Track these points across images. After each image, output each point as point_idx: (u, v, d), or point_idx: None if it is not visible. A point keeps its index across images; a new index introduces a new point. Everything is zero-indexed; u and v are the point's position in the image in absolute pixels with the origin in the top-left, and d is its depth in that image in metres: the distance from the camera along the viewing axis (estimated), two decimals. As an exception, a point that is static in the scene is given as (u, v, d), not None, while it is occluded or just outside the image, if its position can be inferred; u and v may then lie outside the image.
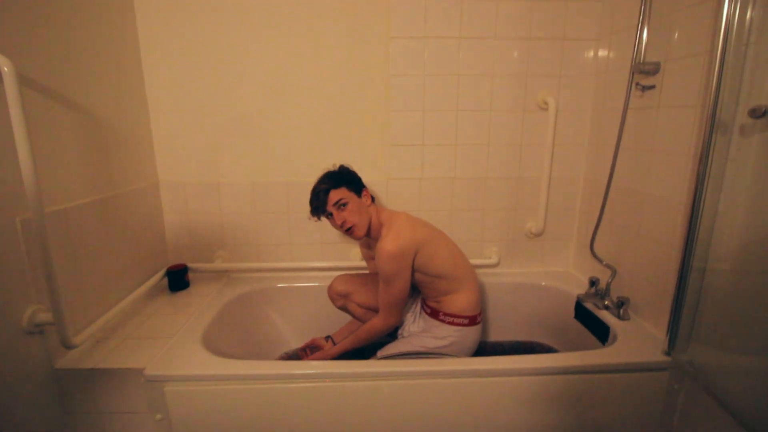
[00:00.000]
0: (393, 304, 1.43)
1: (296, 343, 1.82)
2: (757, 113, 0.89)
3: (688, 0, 1.22)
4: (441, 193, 1.85)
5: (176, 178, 1.78)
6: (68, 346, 1.15)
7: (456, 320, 1.47)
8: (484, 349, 1.82)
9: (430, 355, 1.43)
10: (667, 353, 1.23)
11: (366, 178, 1.56)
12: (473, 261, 1.89)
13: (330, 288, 1.62)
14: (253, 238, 1.86)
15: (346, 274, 1.66)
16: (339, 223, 1.42)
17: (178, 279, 1.72)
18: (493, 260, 1.90)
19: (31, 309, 1.10)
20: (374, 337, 1.49)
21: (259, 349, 1.68)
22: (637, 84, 1.40)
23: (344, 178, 1.46)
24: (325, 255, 1.89)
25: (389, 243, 1.35)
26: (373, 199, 1.51)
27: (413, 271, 1.42)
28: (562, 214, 1.89)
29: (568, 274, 1.91)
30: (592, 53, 1.72)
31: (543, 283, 1.85)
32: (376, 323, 1.47)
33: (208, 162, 1.77)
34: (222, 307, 1.58)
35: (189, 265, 1.80)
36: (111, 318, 1.36)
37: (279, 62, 1.69)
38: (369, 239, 1.56)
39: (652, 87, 1.36)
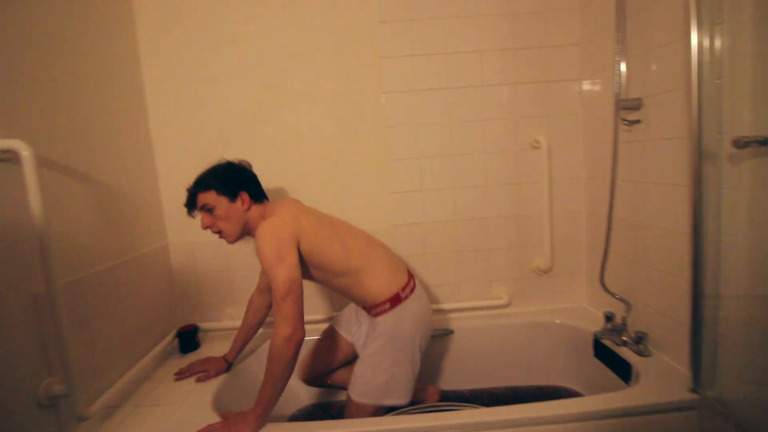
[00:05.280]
0: (285, 297, 1.15)
1: (308, 398, 1.77)
2: (740, 144, 0.91)
3: (660, 40, 1.29)
4: (445, 236, 1.86)
5: (185, 239, 1.83)
6: (81, 419, 1.15)
7: (380, 309, 1.36)
8: (505, 395, 1.76)
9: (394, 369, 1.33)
10: (693, 390, 1.18)
11: (369, 225, 1.59)
12: (482, 302, 1.87)
13: (300, 379, 1.60)
14: (262, 294, 1.87)
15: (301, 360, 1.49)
16: (203, 227, 1.34)
17: (188, 340, 1.72)
18: (504, 300, 1.87)
19: (46, 382, 1.11)
20: (284, 364, 1.13)
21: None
22: (623, 119, 1.44)
23: (216, 181, 1.33)
24: (330, 304, 1.89)
25: (263, 225, 1.24)
26: (260, 200, 1.39)
27: (307, 266, 1.31)
28: (569, 248, 1.88)
29: (582, 310, 1.86)
30: (576, 91, 1.79)
31: (557, 321, 1.80)
32: (273, 342, 1.14)
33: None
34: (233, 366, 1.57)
35: (199, 324, 1.81)
36: (122, 386, 1.36)
37: (282, 120, 1.79)
38: None
39: (638, 121, 1.40)
